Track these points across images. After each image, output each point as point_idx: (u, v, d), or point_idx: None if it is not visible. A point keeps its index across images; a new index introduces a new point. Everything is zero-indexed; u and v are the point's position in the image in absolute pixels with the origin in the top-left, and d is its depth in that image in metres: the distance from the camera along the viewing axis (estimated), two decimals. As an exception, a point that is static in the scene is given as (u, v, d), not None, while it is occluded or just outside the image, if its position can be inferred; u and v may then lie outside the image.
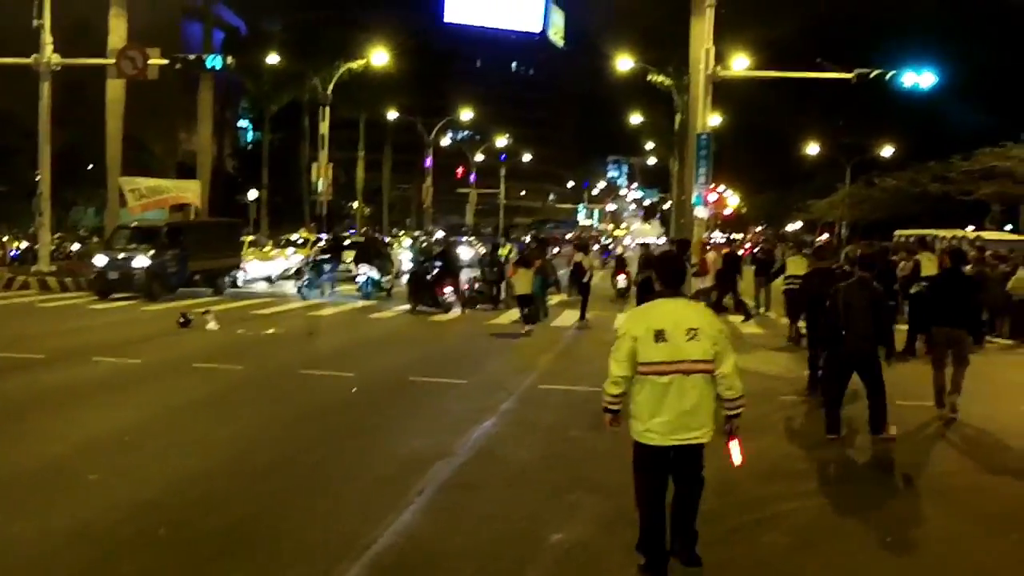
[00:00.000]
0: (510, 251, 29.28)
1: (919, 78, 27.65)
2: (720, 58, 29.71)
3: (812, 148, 74.40)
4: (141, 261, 26.60)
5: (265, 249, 37.12)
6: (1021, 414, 12.30)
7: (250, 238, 37.96)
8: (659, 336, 6.15)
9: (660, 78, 46.92)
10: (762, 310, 25.86)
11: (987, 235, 43.64)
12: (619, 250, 44.07)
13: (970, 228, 48.36)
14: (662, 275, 6.65)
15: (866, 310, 10.35)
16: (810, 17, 44.71)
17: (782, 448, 10.32)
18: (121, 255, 26.98)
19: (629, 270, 30.27)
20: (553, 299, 27.01)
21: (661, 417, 6.16)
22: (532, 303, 21.24)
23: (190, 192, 34.56)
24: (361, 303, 26.31)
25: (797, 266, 19.32)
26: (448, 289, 24.61)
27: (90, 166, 48.26)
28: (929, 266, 19.83)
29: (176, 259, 27.57)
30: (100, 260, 26.99)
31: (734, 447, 6.41)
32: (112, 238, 29.39)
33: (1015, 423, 11.62)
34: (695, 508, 6.41)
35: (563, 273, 29.81)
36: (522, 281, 21.16)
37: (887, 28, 59.36)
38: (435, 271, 25.08)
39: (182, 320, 19.93)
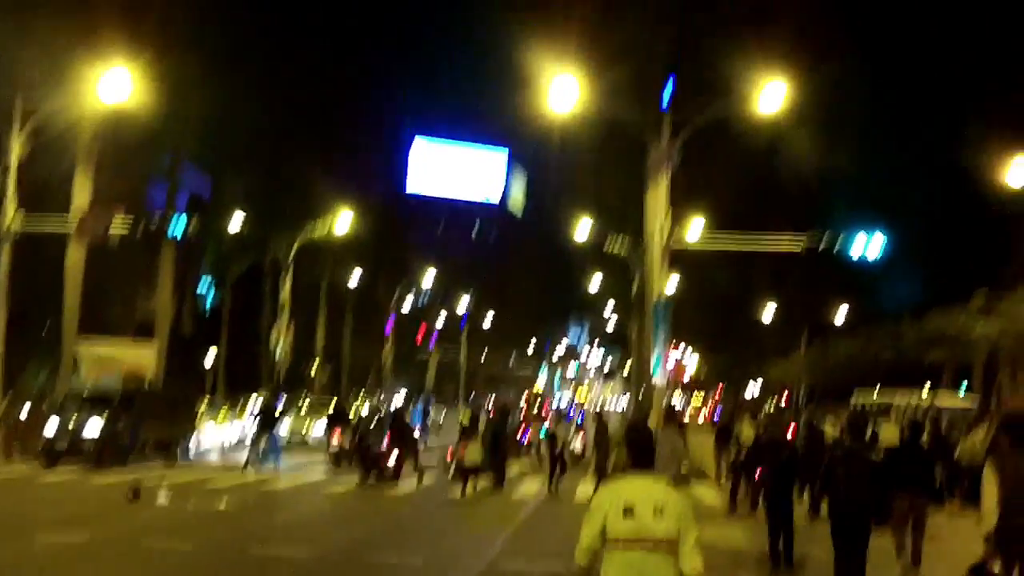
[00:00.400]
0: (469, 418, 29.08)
1: (867, 246, 28.32)
2: (675, 227, 30.30)
3: (767, 312, 75.50)
4: (92, 429, 26.12)
5: (220, 414, 36.73)
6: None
7: (205, 401, 37.58)
8: (628, 512, 6.20)
9: (617, 246, 47.70)
10: (722, 480, 25.68)
11: (943, 398, 44.13)
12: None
13: (926, 390, 48.89)
14: (632, 452, 6.73)
15: (862, 479, 10.57)
16: (762, 185, 45.93)
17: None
18: (72, 422, 26.50)
19: (587, 435, 30.09)
20: (513, 467, 26.81)
21: None
22: (478, 472, 21.57)
23: (144, 359, 34.24)
24: (319, 477, 25.88)
25: (748, 433, 19.55)
26: (393, 459, 24.15)
27: (45, 328, 47.81)
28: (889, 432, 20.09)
29: (128, 427, 27.11)
30: (50, 427, 26.43)
31: None
32: (63, 404, 28.84)
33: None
34: None
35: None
36: (471, 452, 21.28)
37: (837, 194, 61.03)
38: (383, 441, 24.51)
39: (131, 493, 19.47)
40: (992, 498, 8.63)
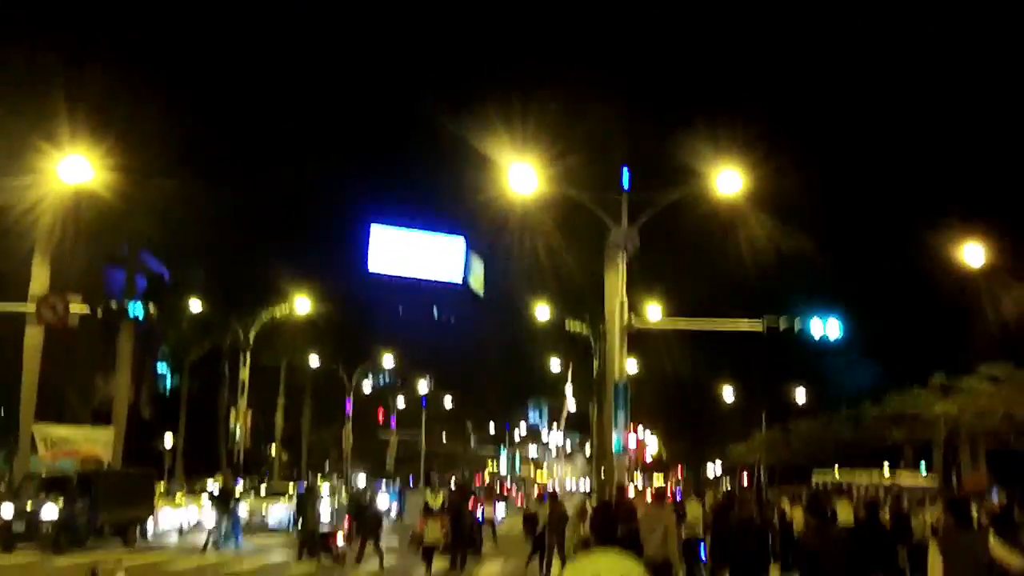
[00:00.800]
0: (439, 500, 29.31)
1: (825, 329, 28.69)
2: (635, 308, 30.64)
3: (727, 393, 75.97)
4: (50, 512, 25.91)
5: (178, 497, 36.42)
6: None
7: (162, 485, 37.24)
8: None
9: (577, 327, 48.07)
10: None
11: (902, 479, 44.49)
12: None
13: (886, 469, 49.26)
14: (596, 529, 7.14)
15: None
16: (721, 269, 46.58)
17: None
18: (29, 505, 26.26)
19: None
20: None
21: None
22: (433, 554, 21.88)
23: (100, 444, 33.89)
24: (278, 559, 25.64)
25: (693, 511, 19.90)
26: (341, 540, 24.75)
27: (2, 411, 47.26)
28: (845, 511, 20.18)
29: (86, 509, 26.90)
30: (6, 510, 26.15)
31: None
32: (20, 487, 28.62)
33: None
34: None
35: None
36: (431, 531, 21.67)
37: (794, 278, 61.86)
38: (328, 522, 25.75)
39: (90, 580, 19.24)
40: (936, 574, 8.83)
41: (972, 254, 29.98)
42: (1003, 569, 8.79)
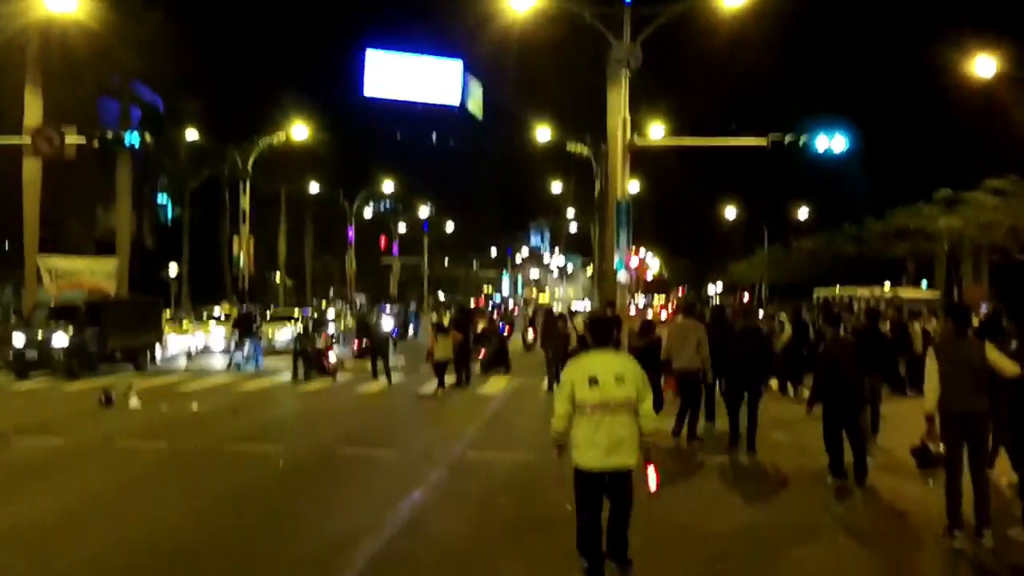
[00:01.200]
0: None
1: (831, 143, 28.29)
2: (637, 127, 30.22)
3: (730, 212, 75.89)
4: (60, 339, 26.22)
5: (184, 324, 36.86)
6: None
7: (168, 314, 37.69)
8: (592, 381, 7.48)
9: (578, 147, 47.63)
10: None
11: (903, 292, 44.71)
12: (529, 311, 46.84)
13: (887, 285, 49.49)
14: (594, 334, 8.14)
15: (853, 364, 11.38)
16: (724, 86, 45.83)
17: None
18: (40, 334, 26.57)
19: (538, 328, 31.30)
20: (478, 367, 27.20)
21: (595, 447, 7.45)
22: (445, 369, 22.10)
23: (105, 275, 33.90)
24: (285, 379, 26.02)
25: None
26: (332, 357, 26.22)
27: (6, 245, 47.36)
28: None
29: (95, 337, 27.25)
30: (18, 339, 26.50)
31: (651, 472, 8.23)
32: (30, 317, 28.99)
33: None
34: (626, 522, 7.67)
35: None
36: (441, 347, 21.93)
37: (798, 95, 61.03)
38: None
39: (103, 398, 19.58)
40: (933, 380, 8.88)
41: (982, 65, 29.39)
42: (996, 375, 8.91)
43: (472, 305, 59.91)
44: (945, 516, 8.86)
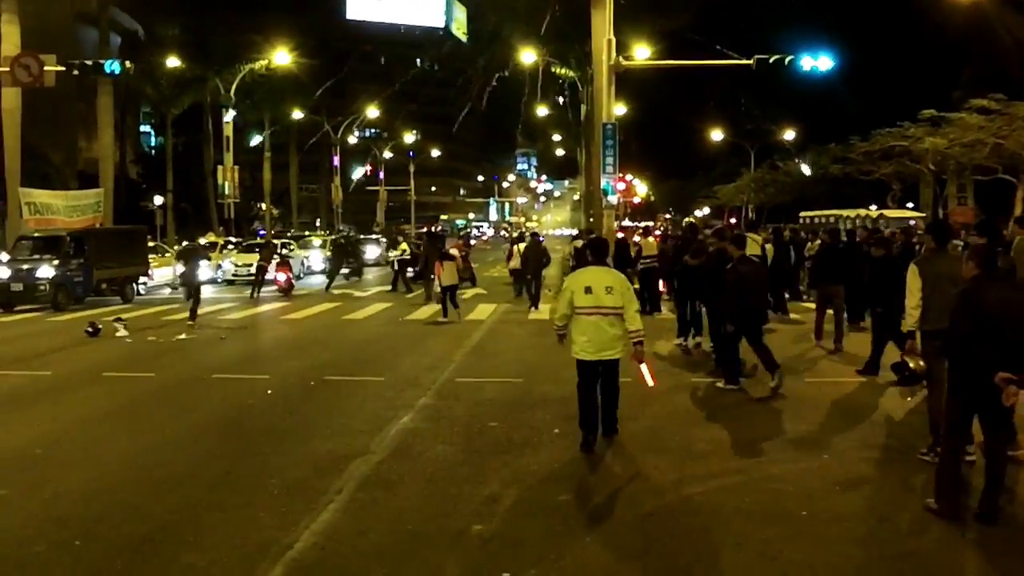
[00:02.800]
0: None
1: (816, 62, 28.15)
2: (622, 49, 29.96)
3: (716, 135, 75.58)
4: (45, 271, 26.13)
5: (167, 255, 36.70)
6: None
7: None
8: (588, 290, 9.49)
9: (564, 70, 47.22)
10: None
11: (889, 213, 44.73)
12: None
13: (872, 207, 49.49)
14: (592, 252, 10.21)
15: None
16: (708, 8, 45.20)
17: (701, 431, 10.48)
18: (25, 266, 26.44)
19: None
20: (467, 293, 27.29)
21: (591, 343, 9.48)
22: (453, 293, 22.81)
23: (88, 211, 33.45)
24: (277, 304, 26.00)
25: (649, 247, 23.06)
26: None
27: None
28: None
29: (81, 268, 27.14)
30: (2, 272, 26.35)
31: (644, 369, 10.16)
32: (14, 249, 28.80)
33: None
34: (615, 402, 9.88)
35: None
36: (447, 273, 22.52)
37: (783, 16, 60.49)
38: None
39: (91, 329, 19.59)
40: (915, 297, 8.84)
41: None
42: None
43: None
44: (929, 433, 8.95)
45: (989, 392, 6.83)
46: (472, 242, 41.87)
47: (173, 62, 51.24)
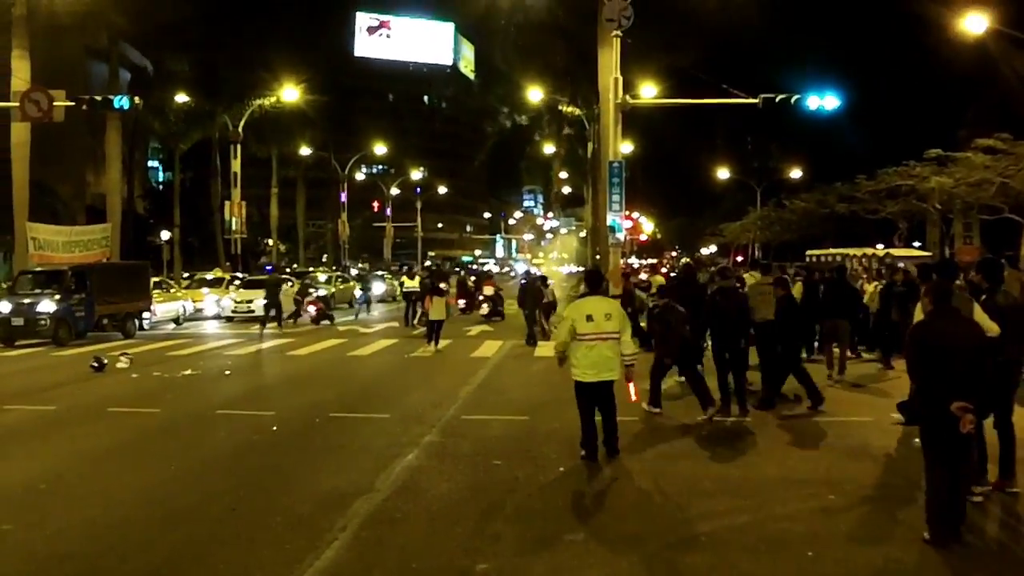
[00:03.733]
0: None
1: (822, 101, 28.25)
2: (629, 87, 30.10)
3: (722, 173, 75.78)
4: (47, 306, 26.10)
5: (172, 291, 36.73)
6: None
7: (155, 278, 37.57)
8: (589, 318, 10.39)
9: (570, 108, 47.47)
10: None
11: (895, 252, 44.69)
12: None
13: (879, 246, 49.47)
14: (589, 282, 11.45)
15: None
16: (715, 46, 45.42)
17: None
18: (26, 300, 26.44)
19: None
20: (474, 330, 27.36)
21: (590, 366, 10.33)
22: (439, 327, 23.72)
23: (95, 242, 33.59)
24: (281, 340, 25.99)
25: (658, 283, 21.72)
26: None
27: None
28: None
29: (83, 303, 27.10)
30: (4, 306, 26.33)
31: (631, 386, 10.94)
32: (16, 283, 28.81)
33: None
34: (614, 420, 10.73)
35: None
36: (436, 308, 23.40)
37: (790, 57, 60.76)
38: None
39: (95, 364, 19.58)
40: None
41: (973, 22, 29.26)
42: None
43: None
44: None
45: (948, 422, 7.14)
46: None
47: (182, 98, 51.60)
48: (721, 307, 13.37)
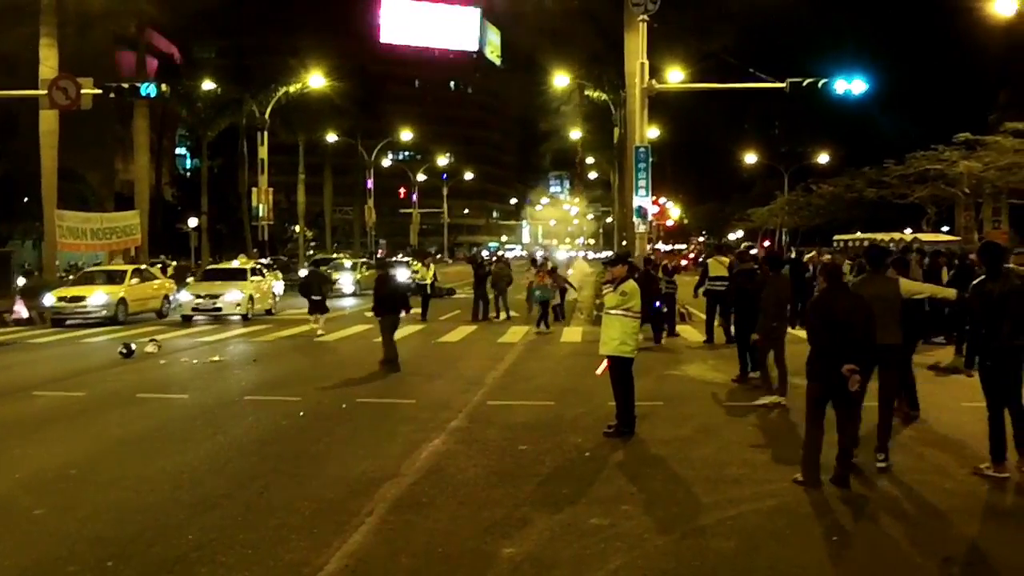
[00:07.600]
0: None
1: (850, 85, 28.08)
2: (655, 72, 30.02)
3: (750, 158, 75.38)
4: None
5: (189, 279, 36.47)
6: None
7: (173, 264, 37.73)
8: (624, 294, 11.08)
9: (597, 93, 47.33)
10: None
11: (924, 237, 44.39)
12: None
13: (907, 231, 49.13)
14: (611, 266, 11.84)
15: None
16: (743, 30, 45.17)
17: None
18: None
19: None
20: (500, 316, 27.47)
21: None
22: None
23: (123, 230, 34.01)
24: (304, 327, 26.06)
25: (718, 268, 20.11)
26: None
27: (25, 199, 47.57)
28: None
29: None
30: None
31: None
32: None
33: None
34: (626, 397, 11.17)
35: None
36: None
37: (818, 41, 60.31)
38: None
39: (124, 351, 19.73)
40: None
41: (1004, 5, 28.99)
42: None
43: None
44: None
45: (839, 380, 8.38)
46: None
47: (209, 85, 51.79)
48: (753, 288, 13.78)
